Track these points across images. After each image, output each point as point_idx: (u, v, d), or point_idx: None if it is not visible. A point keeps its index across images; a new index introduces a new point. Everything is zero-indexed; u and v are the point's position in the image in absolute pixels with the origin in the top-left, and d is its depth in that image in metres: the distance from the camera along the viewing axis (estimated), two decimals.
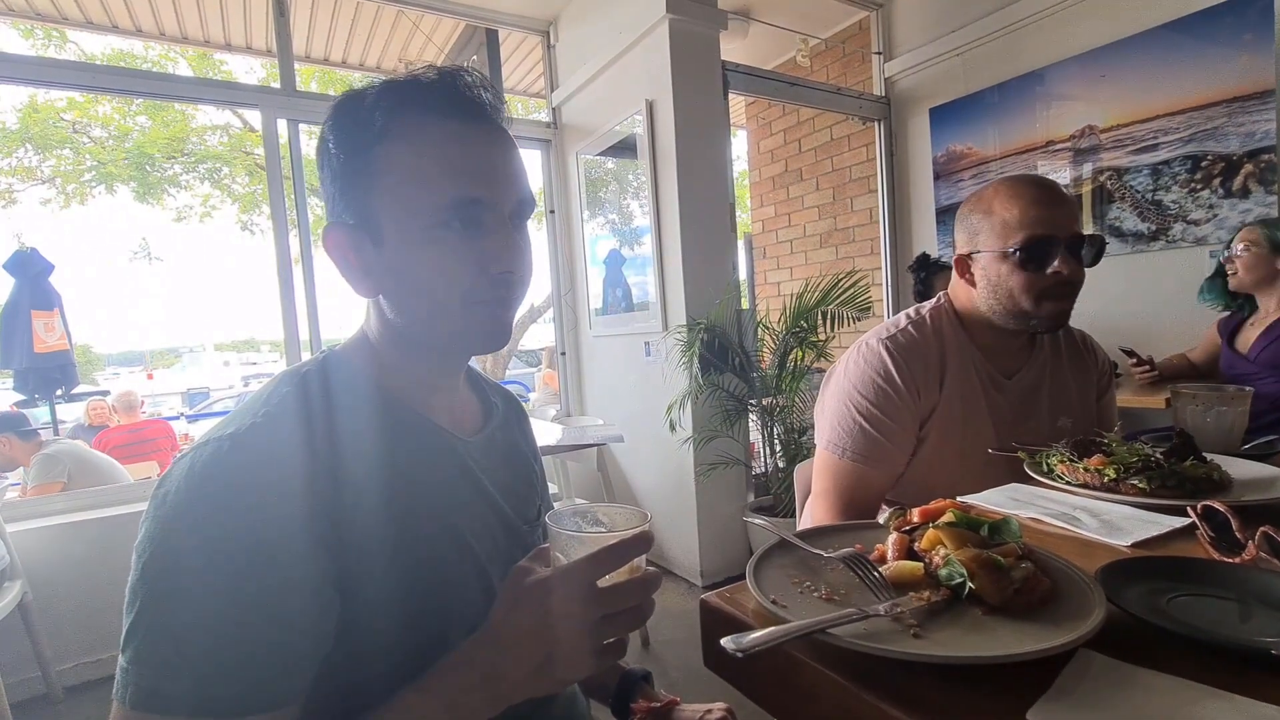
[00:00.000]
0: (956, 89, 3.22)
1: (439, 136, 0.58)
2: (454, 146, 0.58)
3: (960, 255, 1.13)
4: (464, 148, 0.58)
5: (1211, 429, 1.04)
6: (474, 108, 0.59)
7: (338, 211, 0.61)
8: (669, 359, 2.70)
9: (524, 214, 0.63)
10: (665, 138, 2.68)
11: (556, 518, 0.54)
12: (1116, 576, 0.60)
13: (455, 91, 0.59)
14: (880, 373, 1.13)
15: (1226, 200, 2.49)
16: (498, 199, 0.59)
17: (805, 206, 4.03)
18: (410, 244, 0.58)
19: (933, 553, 0.63)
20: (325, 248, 0.63)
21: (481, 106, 0.60)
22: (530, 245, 0.65)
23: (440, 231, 0.58)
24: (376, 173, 0.58)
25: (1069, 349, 1.22)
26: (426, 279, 0.59)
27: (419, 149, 0.57)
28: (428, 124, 0.58)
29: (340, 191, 0.60)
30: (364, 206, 0.59)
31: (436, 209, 0.57)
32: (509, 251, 0.60)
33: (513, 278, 0.61)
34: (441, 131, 0.58)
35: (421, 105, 0.58)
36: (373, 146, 0.58)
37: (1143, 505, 0.82)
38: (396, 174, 0.58)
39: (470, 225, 0.58)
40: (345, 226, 0.61)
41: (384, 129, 0.58)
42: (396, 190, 0.58)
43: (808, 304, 2.75)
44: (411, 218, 0.58)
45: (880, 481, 1.14)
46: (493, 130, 0.60)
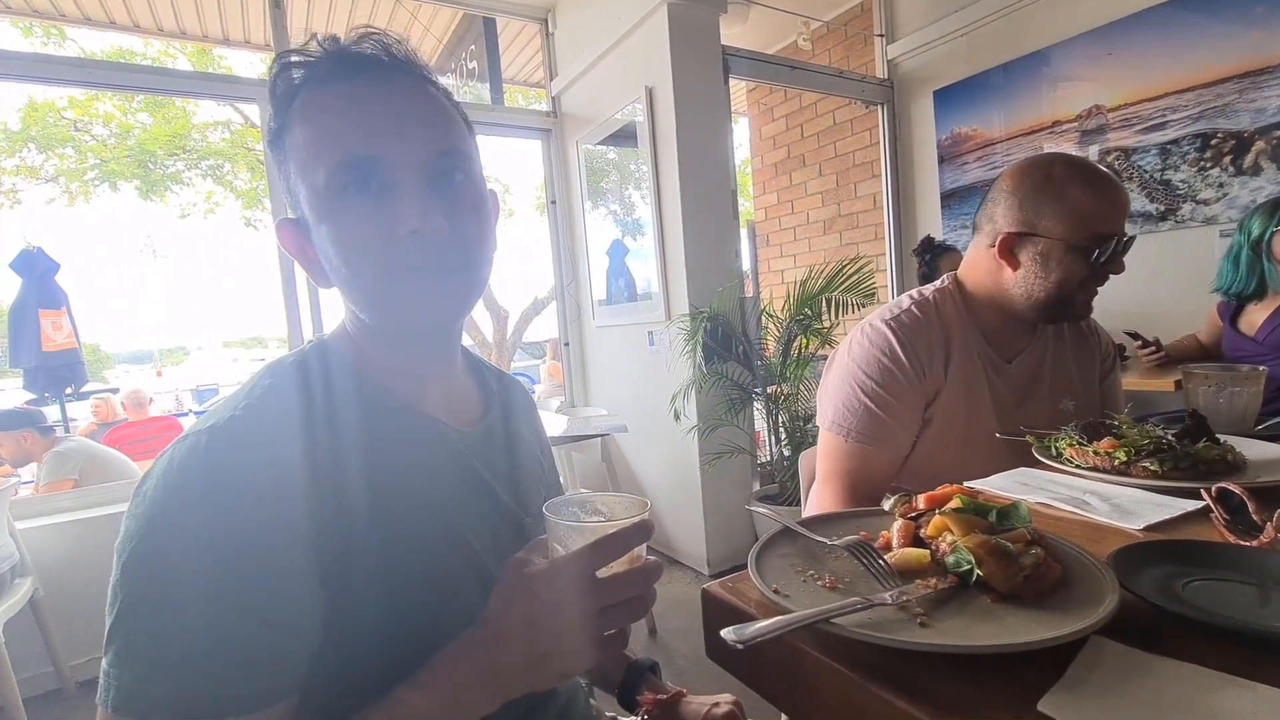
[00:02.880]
0: (960, 70, 3.17)
1: (328, 104, 0.55)
2: (341, 107, 0.55)
3: (1010, 234, 1.04)
4: (352, 106, 0.55)
5: (1224, 410, 1.02)
6: (363, 63, 0.56)
7: (283, 208, 0.61)
8: (672, 348, 2.68)
9: (449, 170, 0.58)
10: (665, 125, 2.65)
11: (554, 507, 0.53)
12: (1129, 561, 0.58)
13: (341, 53, 0.56)
14: (885, 352, 1.11)
15: (1237, 178, 2.44)
16: (401, 154, 0.55)
17: (808, 193, 3.99)
18: (322, 222, 0.56)
19: (939, 539, 0.62)
20: (282, 246, 0.62)
21: (372, 62, 0.56)
22: (472, 204, 0.60)
23: (341, 200, 0.54)
24: (289, 159, 0.57)
25: (1071, 331, 1.20)
26: (343, 253, 0.56)
27: (311, 120, 0.55)
28: (319, 94, 0.56)
29: (281, 187, 0.60)
30: (292, 196, 0.59)
31: (330, 175, 0.54)
32: (418, 210, 0.54)
33: (426, 239, 0.55)
34: (330, 96, 0.55)
35: (312, 79, 0.56)
36: (282, 134, 0.57)
37: (1154, 488, 0.80)
38: (299, 154, 0.56)
39: (373, 188, 0.55)
40: (288, 222, 0.60)
41: (286, 114, 0.57)
42: (302, 170, 0.56)
43: (812, 291, 2.72)
44: (314, 192, 0.55)
45: (886, 464, 1.12)
46: (390, 82, 0.57)
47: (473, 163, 0.61)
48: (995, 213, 1.08)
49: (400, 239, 0.54)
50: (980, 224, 1.12)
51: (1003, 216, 1.06)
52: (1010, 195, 1.06)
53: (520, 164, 5.37)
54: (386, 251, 0.55)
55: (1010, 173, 1.07)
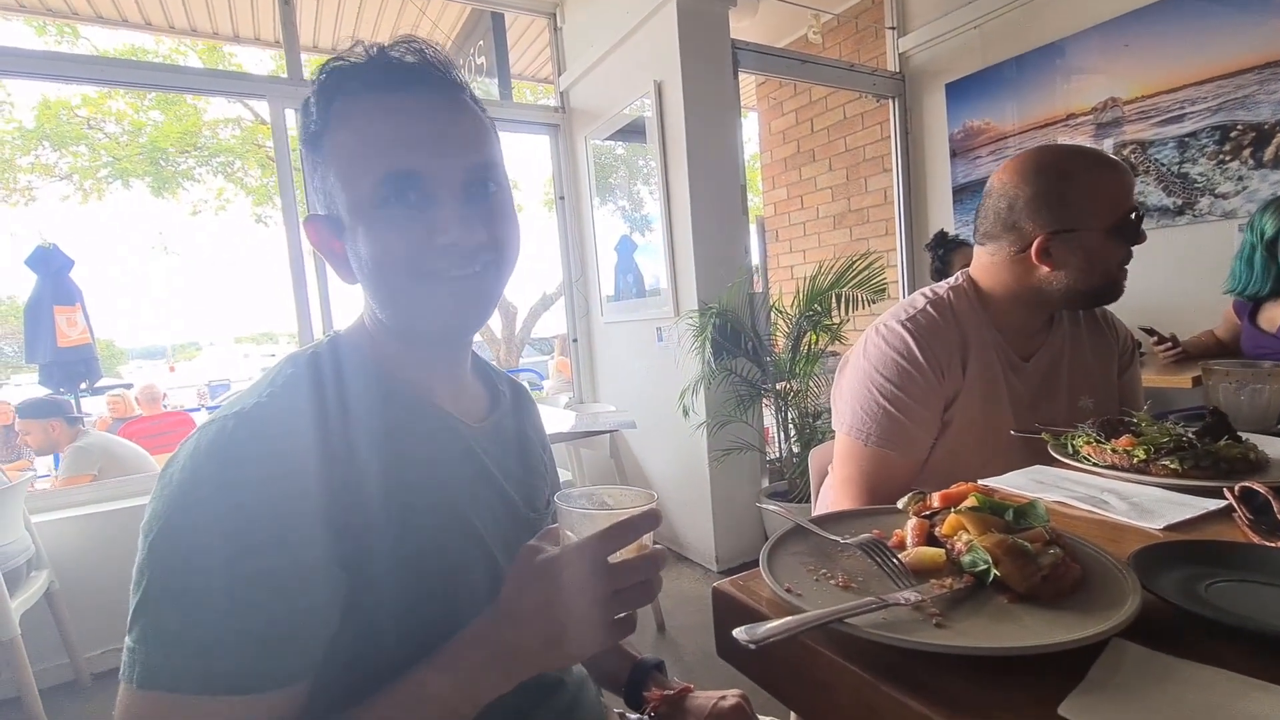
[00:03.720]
0: (973, 63, 3.13)
1: (371, 112, 0.57)
2: (385, 120, 0.57)
3: (1049, 234, 1.01)
4: (395, 120, 0.57)
5: (1246, 407, 1.00)
6: (407, 76, 0.58)
7: (313, 204, 0.63)
8: (681, 344, 2.67)
9: (482, 181, 0.60)
10: (674, 119, 2.63)
11: (566, 497, 0.55)
12: (1150, 561, 0.57)
13: (385, 62, 0.58)
14: (903, 353, 1.09)
15: (1257, 171, 2.40)
16: (440, 169, 0.57)
17: (818, 188, 3.96)
18: (359, 226, 0.58)
19: (954, 539, 0.61)
20: (308, 240, 0.64)
21: (415, 73, 0.58)
22: (502, 213, 0.62)
23: (382, 210, 0.57)
24: (328, 161, 0.59)
25: (1089, 326, 1.18)
26: (377, 258, 0.58)
27: (354, 129, 0.57)
28: (361, 102, 0.57)
29: (311, 184, 0.62)
30: (327, 196, 0.60)
31: (374, 187, 0.56)
32: (457, 222, 0.57)
33: (461, 249, 0.58)
34: (373, 107, 0.57)
35: (355, 84, 0.58)
36: (322, 136, 0.59)
37: (1174, 487, 0.79)
38: (340, 158, 0.58)
39: (412, 199, 0.57)
40: (318, 218, 0.62)
41: (327, 117, 0.58)
42: (343, 175, 0.58)
43: (821, 287, 2.70)
44: (356, 200, 0.57)
45: (906, 468, 1.10)
46: (431, 97, 0.59)
47: (502, 170, 0.64)
48: (1017, 219, 1.04)
49: (437, 248, 0.57)
50: (995, 233, 1.08)
51: (1030, 221, 1.03)
52: (1033, 199, 1.02)
53: (529, 159, 5.42)
54: (421, 260, 0.57)
55: (1020, 177, 1.04)
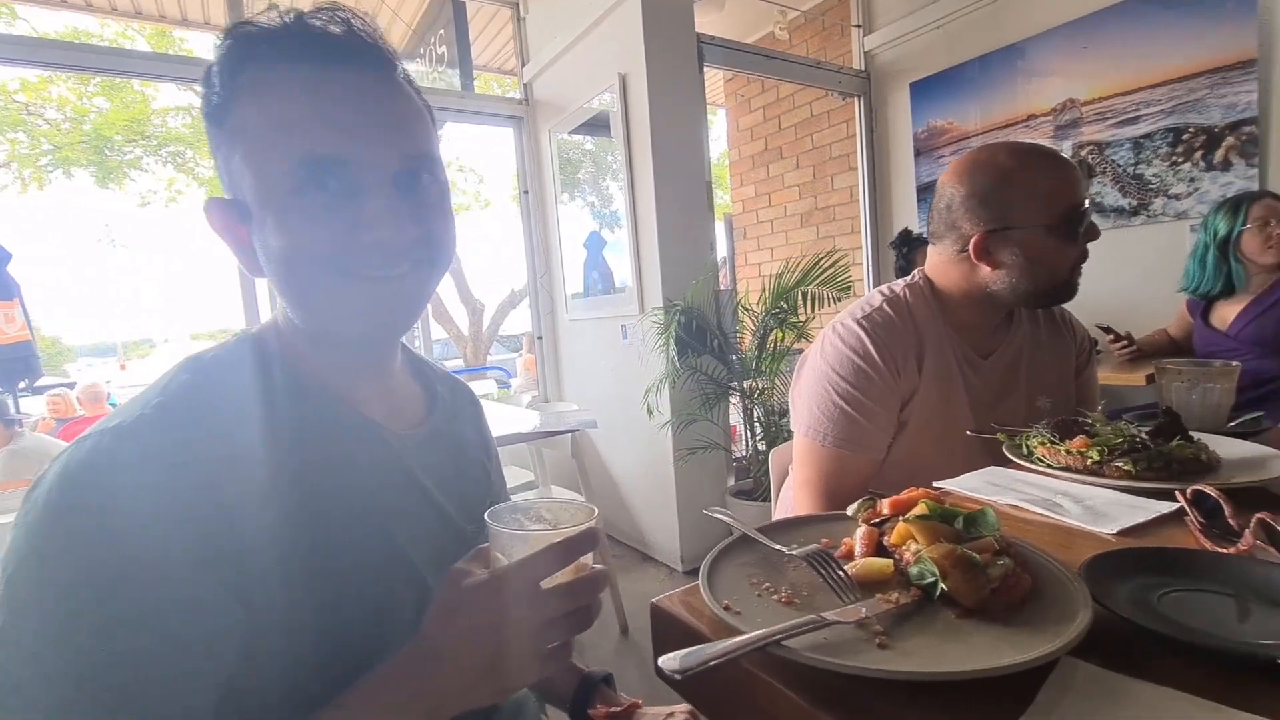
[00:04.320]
0: (937, 62, 3.15)
1: (286, 86, 0.50)
2: (304, 96, 0.50)
3: (984, 234, 1.00)
4: (316, 97, 0.50)
5: (1197, 406, 1.00)
6: (331, 49, 0.51)
7: (224, 187, 0.55)
8: (646, 342, 2.64)
9: (415, 173, 0.54)
10: (639, 113, 2.59)
11: (497, 515, 0.50)
12: (1102, 571, 0.55)
13: (304, 31, 0.51)
14: (859, 352, 1.07)
15: (1208, 173, 2.45)
16: (368, 156, 0.51)
17: (786, 185, 3.96)
18: (269, 214, 0.51)
19: (903, 548, 0.58)
20: (210, 226, 0.57)
21: (340, 46, 0.51)
22: (437, 209, 0.56)
23: (297, 198, 0.50)
24: (234, 139, 0.52)
25: (1047, 325, 1.17)
26: (288, 252, 0.51)
27: (266, 103, 0.50)
28: (274, 73, 0.50)
29: (217, 164, 0.55)
30: (231, 178, 0.53)
31: (288, 171, 0.50)
32: (385, 217, 0.51)
33: (388, 248, 0.52)
34: (289, 80, 0.50)
35: (269, 53, 0.51)
36: (227, 110, 0.52)
37: (1128, 489, 0.78)
38: (248, 137, 0.51)
39: (334, 188, 0.50)
40: (220, 202, 0.55)
41: (233, 88, 0.51)
42: (250, 156, 0.51)
43: (787, 284, 2.69)
44: (265, 184, 0.51)
45: (864, 468, 1.09)
46: (360, 74, 0.52)
47: (439, 163, 0.58)
48: (955, 219, 1.04)
49: (360, 245, 0.51)
50: (940, 232, 1.08)
51: (968, 220, 1.02)
52: (968, 198, 1.02)
53: (497, 152, 5.33)
54: (341, 257, 0.51)
55: (957, 176, 1.04)
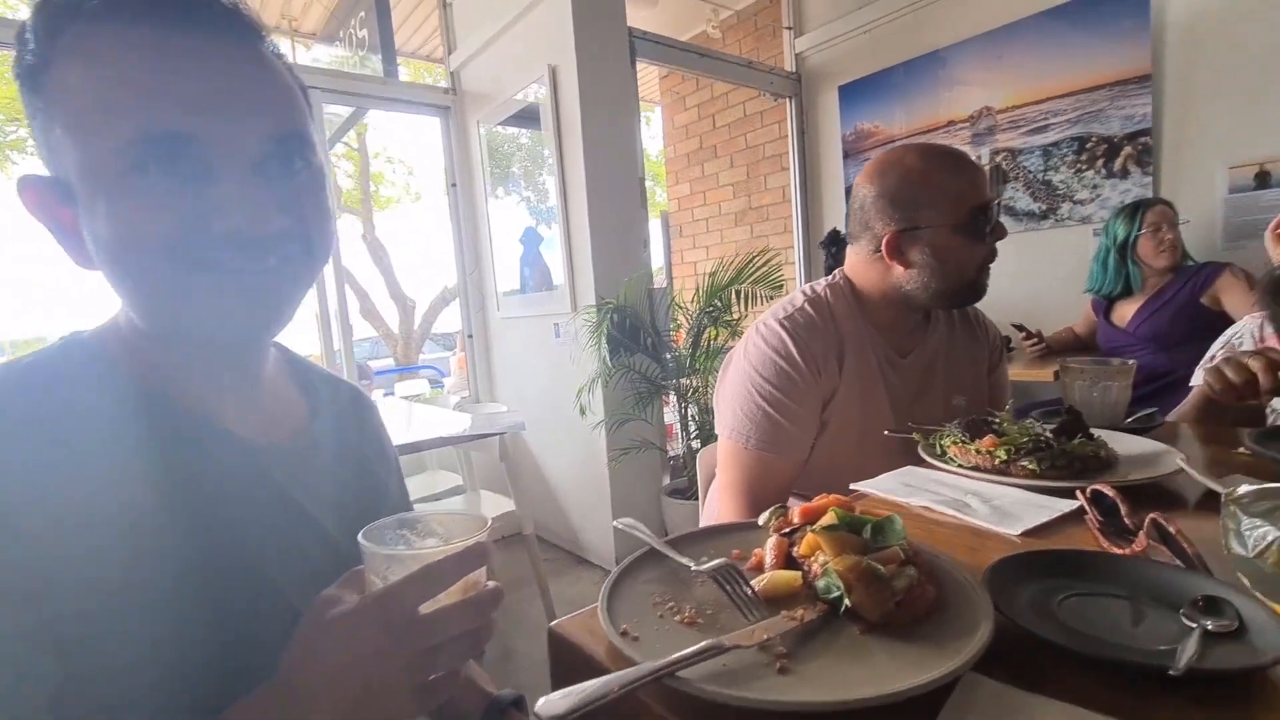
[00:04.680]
0: (865, 66, 3.22)
1: (121, 49, 0.43)
2: (141, 60, 0.43)
3: (894, 234, 1.02)
4: (157, 61, 0.43)
5: (1098, 404, 1.03)
6: (179, 8, 0.44)
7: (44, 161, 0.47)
8: (578, 341, 2.58)
9: (285, 156, 0.48)
10: (570, 106, 2.53)
11: (376, 533, 0.45)
12: (1005, 577, 0.54)
13: None
14: (781, 353, 1.07)
15: (1108, 180, 2.60)
16: (224, 134, 0.44)
17: (720, 184, 3.98)
18: (99, 195, 0.44)
19: (811, 560, 0.56)
20: (25, 207, 0.48)
21: (192, 5, 0.45)
22: (310, 199, 0.50)
23: (133, 179, 0.43)
24: (54, 107, 0.44)
25: (962, 325, 1.20)
26: (123, 240, 0.44)
27: (92, 66, 0.43)
28: (104, 31, 0.43)
29: (34, 134, 0.47)
30: (52, 152, 0.45)
31: (122, 147, 0.42)
32: (243, 204, 0.45)
33: (247, 238, 0.45)
34: (123, 40, 0.43)
35: (101, 9, 0.43)
36: (44, 73, 0.44)
37: (1033, 488, 0.79)
38: (72, 106, 0.43)
39: (182, 170, 0.44)
40: (38, 180, 0.46)
41: (52, 46, 0.43)
42: (74, 126, 0.43)
43: (721, 283, 2.70)
44: (93, 161, 0.43)
45: (787, 469, 1.09)
46: (214, 39, 0.45)
47: (314, 147, 0.51)
48: (868, 219, 1.06)
49: (213, 235, 0.45)
50: (856, 233, 1.10)
51: (879, 221, 1.04)
52: (878, 198, 1.04)
53: (429, 143, 5.11)
54: (190, 247, 0.45)
55: (868, 177, 1.06)
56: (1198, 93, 2.33)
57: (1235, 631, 0.45)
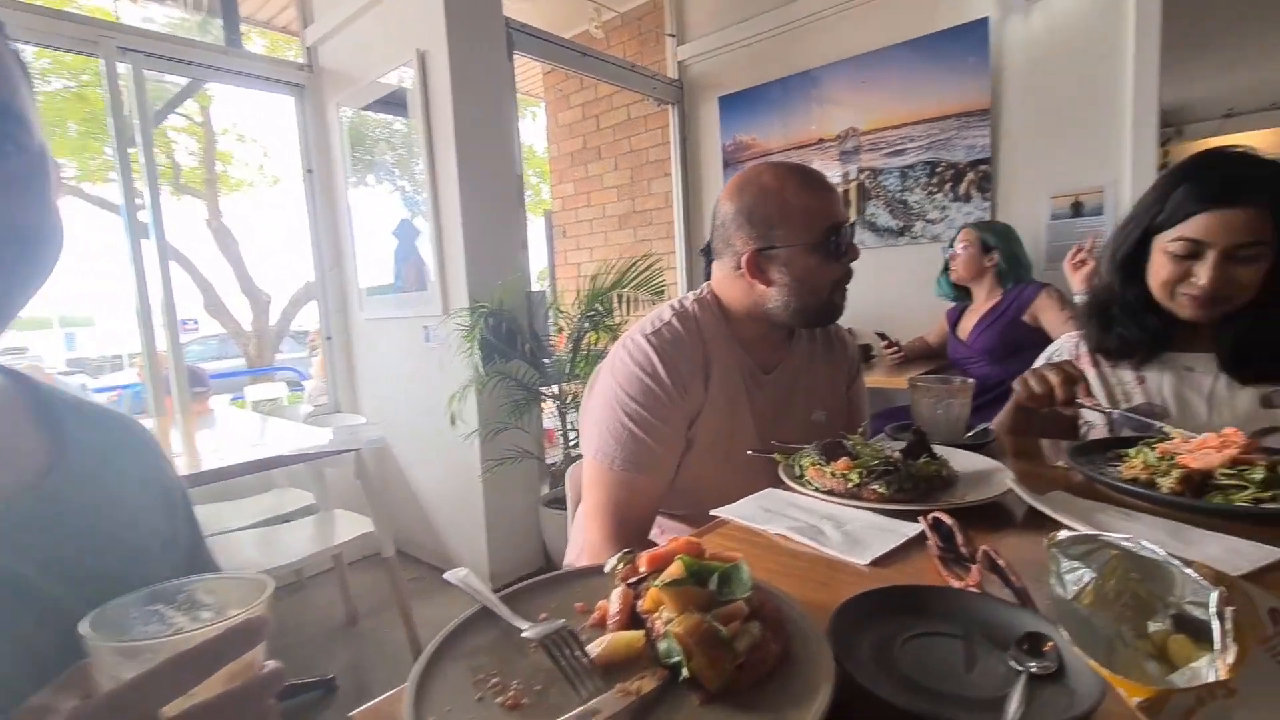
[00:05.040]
0: (743, 80, 3.31)
1: None
2: None
3: (753, 253, 1.01)
4: None
5: (942, 420, 1.08)
6: None
7: None
8: (450, 345, 2.43)
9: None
10: (440, 95, 2.37)
11: (112, 615, 0.35)
12: (848, 621, 0.52)
13: None
14: (646, 370, 1.03)
15: (955, 203, 2.84)
16: None
17: (605, 186, 3.94)
18: None
19: (655, 616, 0.51)
20: None
21: None
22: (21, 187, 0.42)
23: None
24: None
25: (823, 340, 1.22)
26: None
27: None
28: None
29: None
30: None
31: None
32: None
33: None
34: None
35: None
36: None
37: (883, 511, 0.80)
38: None
39: None
40: None
41: None
42: None
43: (603, 287, 2.66)
44: None
45: (653, 490, 1.05)
46: None
47: (29, 129, 0.43)
48: (730, 236, 1.05)
49: None
50: (719, 249, 1.09)
51: (739, 238, 1.04)
52: (737, 215, 1.03)
53: (290, 124, 4.59)
54: None
55: (728, 194, 1.06)
56: (1026, 128, 2.60)
57: (1056, 673, 0.45)
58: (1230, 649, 0.34)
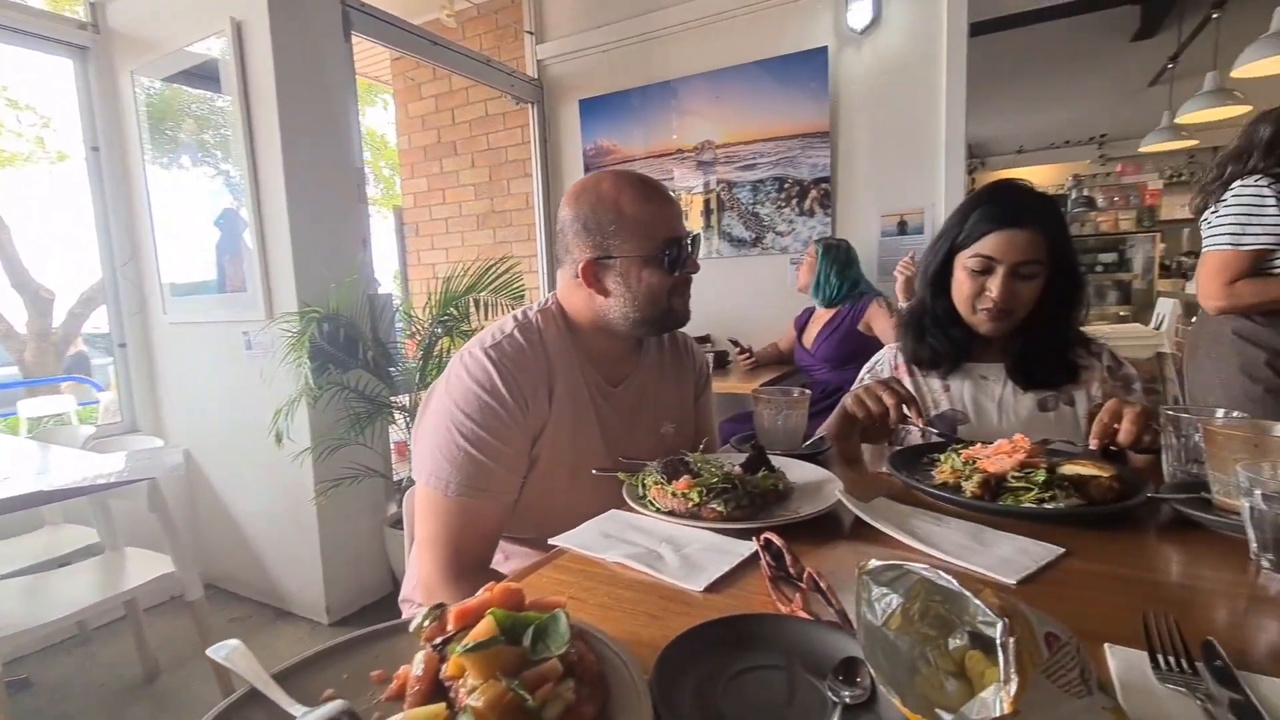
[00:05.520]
0: (604, 85, 3.30)
1: None
2: None
3: (589, 261, 0.99)
4: None
5: (781, 431, 1.11)
6: None
7: None
8: (274, 354, 2.16)
9: None
10: (261, 73, 2.10)
11: None
12: (672, 665, 0.49)
13: None
14: (485, 386, 0.96)
15: (800, 218, 3.03)
16: None
17: (461, 184, 3.75)
18: None
19: (459, 683, 0.45)
20: None
21: None
22: None
23: None
24: None
25: (670, 351, 1.22)
26: None
27: None
28: None
29: None
30: None
31: None
32: None
33: None
34: None
35: None
36: None
37: (721, 530, 0.79)
38: None
39: None
40: None
41: None
42: None
43: (458, 290, 2.51)
44: None
45: (494, 515, 0.98)
46: None
47: None
48: (568, 243, 1.02)
49: None
50: (560, 256, 1.06)
51: (577, 246, 1.01)
52: (574, 222, 1.01)
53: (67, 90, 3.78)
54: None
55: (566, 200, 1.04)
56: (861, 151, 2.84)
57: (870, 700, 0.45)
58: (1013, 680, 0.34)
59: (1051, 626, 0.39)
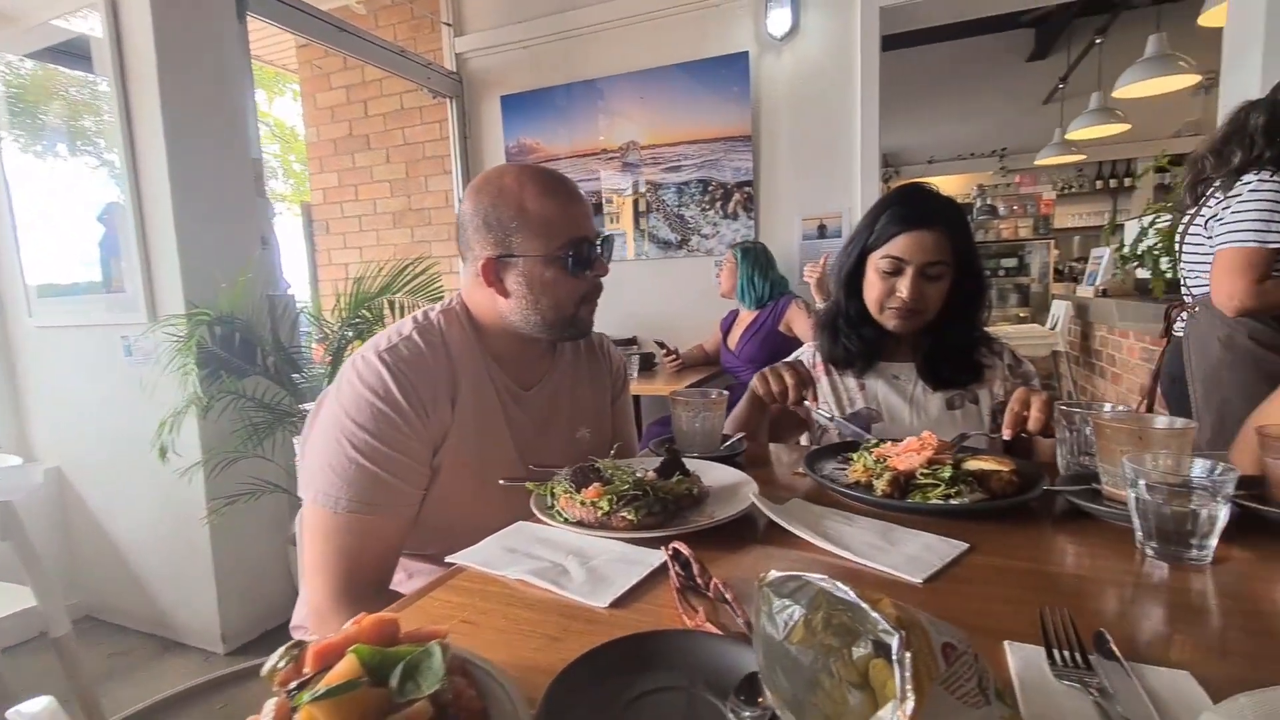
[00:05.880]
0: (526, 81, 3.23)
1: None
2: None
3: (490, 259, 0.93)
4: None
5: (699, 433, 1.09)
6: None
7: None
8: (158, 360, 1.97)
9: None
10: (140, 53, 1.92)
11: None
12: (561, 698, 0.45)
13: None
14: (379, 393, 0.89)
15: (725, 220, 3.06)
16: None
17: (375, 179, 3.57)
18: None
19: None
20: None
21: None
22: None
23: None
24: None
25: (586, 354, 1.18)
26: None
27: None
28: None
29: None
30: None
31: None
32: None
33: None
34: None
35: None
36: None
37: (631, 540, 0.75)
38: None
39: None
40: None
41: None
42: None
43: (370, 291, 2.37)
44: None
45: (392, 530, 0.91)
46: None
47: None
48: (470, 239, 0.96)
49: None
50: (463, 253, 1.00)
51: (478, 243, 0.95)
52: (474, 217, 0.95)
53: None
54: None
55: (468, 193, 0.98)
56: (781, 156, 2.89)
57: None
58: (909, 699, 0.32)
59: (949, 636, 0.37)
